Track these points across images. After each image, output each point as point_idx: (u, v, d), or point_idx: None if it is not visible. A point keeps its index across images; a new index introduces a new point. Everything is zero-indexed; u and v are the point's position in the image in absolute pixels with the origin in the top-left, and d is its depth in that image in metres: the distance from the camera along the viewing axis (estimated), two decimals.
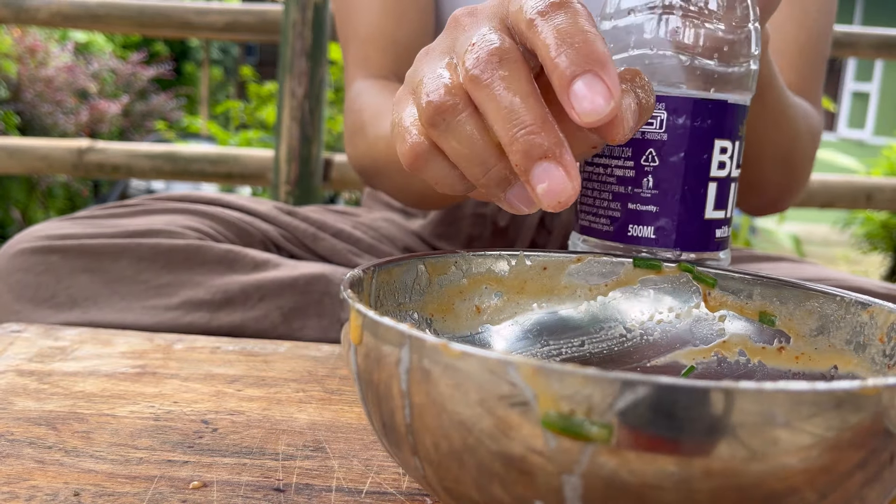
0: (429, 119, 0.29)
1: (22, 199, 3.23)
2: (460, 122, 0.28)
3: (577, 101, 0.25)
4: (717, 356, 0.35)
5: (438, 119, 0.28)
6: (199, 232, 0.57)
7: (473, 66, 0.27)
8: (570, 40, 0.26)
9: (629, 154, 0.37)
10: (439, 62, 0.30)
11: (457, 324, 0.35)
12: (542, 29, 0.27)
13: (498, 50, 0.27)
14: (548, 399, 0.18)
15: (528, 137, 0.26)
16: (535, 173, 0.26)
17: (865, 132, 8.91)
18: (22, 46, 3.46)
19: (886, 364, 0.29)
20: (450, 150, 0.29)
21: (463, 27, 0.30)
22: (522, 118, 0.26)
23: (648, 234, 0.37)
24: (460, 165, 0.29)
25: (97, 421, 0.35)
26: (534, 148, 0.26)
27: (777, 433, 0.18)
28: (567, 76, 0.26)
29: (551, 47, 0.26)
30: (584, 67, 0.25)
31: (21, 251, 0.52)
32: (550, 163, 0.26)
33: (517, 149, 0.26)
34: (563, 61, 0.26)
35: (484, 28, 0.29)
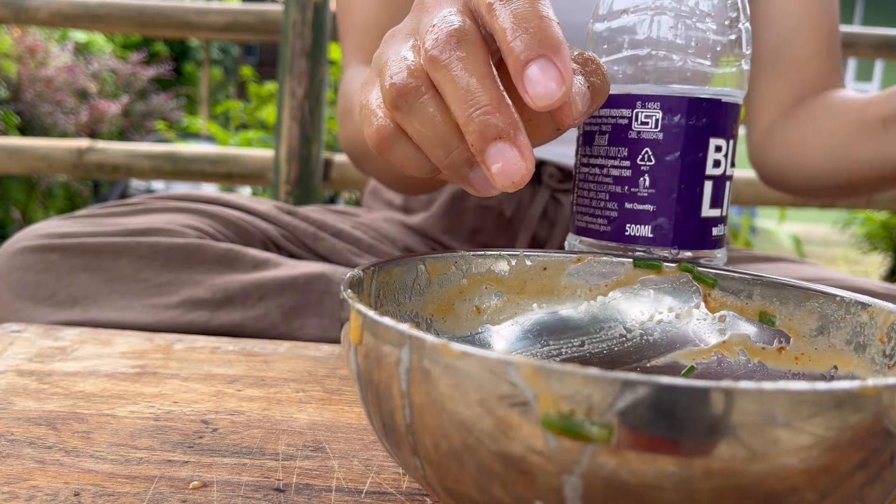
0: (392, 101, 0.29)
1: (22, 199, 3.23)
2: (422, 104, 0.28)
3: (531, 84, 0.26)
4: (717, 356, 0.35)
5: (401, 101, 0.28)
6: (199, 231, 0.57)
7: (432, 46, 0.28)
8: (526, 24, 0.26)
9: (625, 154, 0.37)
10: (403, 44, 0.30)
11: (457, 324, 0.35)
12: (500, 13, 0.27)
13: (457, 31, 0.27)
14: (548, 399, 0.18)
15: (483, 118, 0.26)
16: (490, 153, 0.27)
17: None
18: (22, 46, 3.46)
19: (886, 364, 0.29)
20: (412, 131, 0.29)
21: (427, 9, 0.30)
22: (478, 98, 0.26)
23: (646, 233, 0.37)
24: (423, 147, 0.29)
25: (97, 421, 0.35)
26: (488, 128, 0.26)
27: (777, 433, 0.18)
28: (521, 60, 0.26)
29: (507, 31, 0.26)
30: (538, 52, 0.26)
31: (21, 250, 0.52)
32: (505, 143, 0.26)
33: (473, 129, 0.26)
34: (518, 45, 0.26)
35: (446, 10, 0.29)
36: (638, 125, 0.37)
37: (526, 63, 0.26)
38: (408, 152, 0.30)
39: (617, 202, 0.37)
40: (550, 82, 0.26)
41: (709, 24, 0.36)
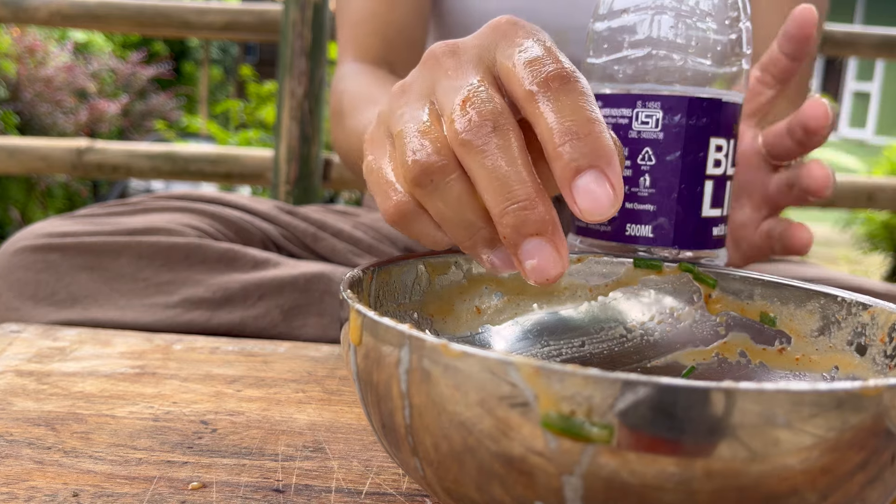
0: (415, 179, 0.27)
1: (21, 198, 3.23)
2: (448, 184, 0.27)
3: (581, 196, 0.25)
4: (718, 357, 0.34)
5: (425, 180, 0.27)
6: (199, 230, 0.57)
7: (465, 129, 0.26)
8: (577, 129, 0.25)
9: (626, 154, 0.37)
10: (419, 108, 0.28)
11: (457, 324, 0.35)
12: (544, 107, 0.25)
13: (492, 113, 0.26)
14: (548, 400, 0.18)
15: (522, 213, 0.25)
16: (525, 249, 0.25)
17: (866, 132, 8.91)
18: (21, 46, 3.46)
19: (888, 365, 0.29)
20: (435, 211, 0.28)
21: (445, 70, 0.29)
22: (516, 192, 0.25)
23: (646, 233, 0.37)
24: (445, 227, 0.28)
25: (96, 421, 0.35)
26: (526, 224, 0.25)
27: (778, 434, 0.18)
28: (572, 168, 0.25)
29: (555, 132, 0.25)
30: (590, 162, 0.24)
31: (21, 249, 0.52)
32: (541, 240, 0.25)
33: (508, 222, 0.25)
34: (569, 152, 0.25)
35: (472, 78, 0.27)
36: (638, 125, 0.37)
37: (577, 172, 0.25)
38: (426, 229, 0.29)
39: None
40: (603, 198, 0.24)
41: (709, 23, 0.36)
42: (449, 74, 0.28)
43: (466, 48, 0.29)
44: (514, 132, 0.26)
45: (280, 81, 1.24)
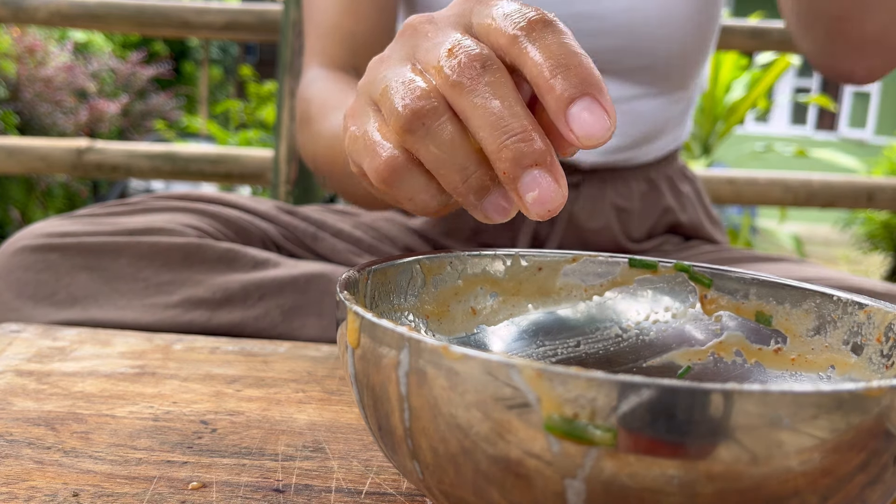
0: (406, 124, 0.27)
1: (21, 198, 3.23)
2: (441, 125, 0.27)
3: (577, 123, 0.25)
4: (714, 356, 0.35)
5: (417, 124, 0.27)
6: (199, 230, 0.57)
7: (455, 71, 0.27)
8: (565, 62, 0.26)
9: None
10: (402, 69, 0.29)
11: (452, 325, 0.35)
12: (530, 47, 0.26)
13: (479, 56, 0.27)
14: (551, 402, 0.18)
15: (518, 145, 0.26)
16: (525, 181, 0.26)
17: (866, 132, 8.91)
18: (21, 46, 3.46)
19: (884, 364, 0.29)
20: (428, 156, 0.28)
21: (424, 33, 0.29)
22: (511, 125, 0.26)
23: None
24: (439, 173, 0.28)
25: (96, 421, 0.35)
26: (524, 156, 0.26)
27: (781, 435, 0.18)
28: (565, 98, 0.25)
29: (544, 67, 0.26)
30: (582, 91, 0.25)
31: (21, 249, 0.52)
32: (541, 170, 0.26)
33: (506, 156, 0.26)
34: (560, 84, 0.25)
35: (453, 35, 0.28)
36: None
37: (570, 101, 0.25)
38: (418, 183, 0.29)
39: None
40: (599, 122, 0.25)
41: None
42: (429, 37, 0.29)
43: (442, 15, 0.30)
44: (503, 71, 0.27)
45: (280, 81, 1.24)
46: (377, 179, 0.29)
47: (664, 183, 0.71)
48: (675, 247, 0.71)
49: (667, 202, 0.71)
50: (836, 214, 4.32)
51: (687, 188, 0.73)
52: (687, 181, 0.74)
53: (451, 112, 0.27)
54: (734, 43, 1.32)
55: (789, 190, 1.46)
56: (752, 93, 3.69)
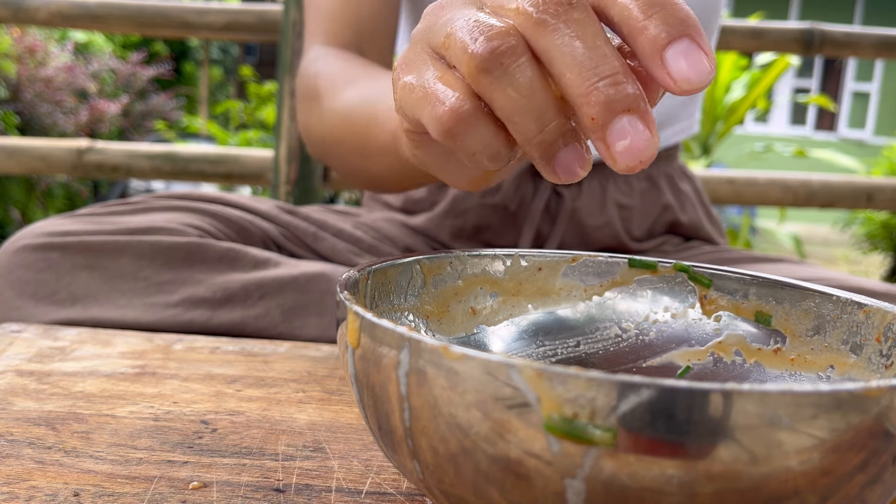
0: (483, 63, 0.25)
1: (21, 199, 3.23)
2: (521, 66, 0.25)
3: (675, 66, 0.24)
4: (713, 357, 0.35)
5: (495, 64, 0.25)
6: (200, 230, 0.57)
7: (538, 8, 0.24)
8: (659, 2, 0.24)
9: None
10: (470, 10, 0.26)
11: (452, 326, 0.35)
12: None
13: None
14: (551, 402, 0.18)
15: (611, 89, 0.23)
16: (615, 128, 0.24)
17: (866, 132, 8.91)
18: (21, 46, 3.46)
19: (883, 364, 0.29)
20: (505, 101, 0.25)
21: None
22: (601, 67, 0.24)
23: None
24: (513, 121, 0.26)
25: (97, 421, 0.35)
26: (617, 100, 0.23)
27: (780, 435, 0.18)
28: (662, 40, 0.24)
29: (636, 8, 0.24)
30: (680, 31, 0.24)
31: (22, 248, 0.52)
32: (633, 117, 0.24)
33: (596, 100, 0.23)
34: (655, 25, 0.24)
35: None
36: None
37: (667, 43, 0.24)
38: (487, 135, 0.27)
39: None
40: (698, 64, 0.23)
41: None
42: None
43: None
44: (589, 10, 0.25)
45: (280, 82, 1.24)
46: (440, 130, 0.27)
47: (664, 181, 0.71)
48: (675, 247, 0.71)
49: (666, 200, 0.71)
50: (836, 215, 4.32)
51: (686, 187, 0.73)
52: (686, 180, 0.74)
53: (531, 53, 0.25)
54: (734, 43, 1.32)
55: (789, 190, 1.46)
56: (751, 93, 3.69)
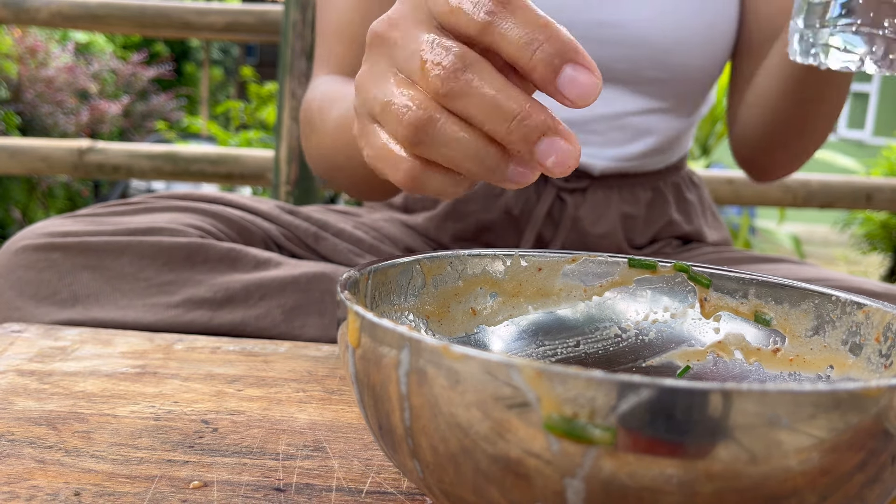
0: (412, 138, 0.29)
1: (22, 199, 3.23)
2: (443, 128, 0.29)
3: (570, 88, 0.27)
4: (713, 357, 0.35)
5: (422, 135, 0.29)
6: (201, 230, 0.57)
7: (441, 79, 0.28)
8: (539, 36, 0.27)
9: None
10: (389, 83, 0.30)
11: (452, 326, 0.35)
12: (504, 30, 0.27)
13: (457, 56, 0.28)
14: (550, 402, 0.18)
15: (524, 124, 0.27)
16: (540, 151, 0.28)
17: (865, 132, 8.90)
18: (22, 47, 3.46)
19: (882, 364, 0.29)
20: (442, 158, 0.29)
21: (393, 42, 0.30)
22: (511, 109, 0.27)
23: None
24: (456, 167, 0.30)
25: (97, 421, 0.35)
26: (532, 131, 0.27)
27: (780, 435, 0.18)
28: (550, 74, 0.27)
29: (524, 46, 0.27)
30: (562, 60, 0.27)
31: (23, 248, 0.52)
32: (549, 138, 0.28)
33: (516, 138, 0.28)
34: (543, 55, 0.27)
35: (424, 37, 0.29)
36: None
37: (556, 76, 0.27)
38: (442, 180, 0.31)
39: None
40: (588, 82, 0.27)
41: None
42: (399, 44, 0.30)
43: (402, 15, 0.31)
44: (482, 62, 0.28)
45: (281, 82, 1.24)
46: (403, 187, 0.31)
47: (671, 191, 0.71)
48: (675, 249, 0.71)
49: (671, 215, 0.71)
50: (835, 215, 4.32)
51: (692, 196, 0.73)
52: (693, 188, 0.74)
53: (448, 112, 0.29)
54: None
55: (788, 190, 1.46)
56: None
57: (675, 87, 0.66)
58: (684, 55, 0.64)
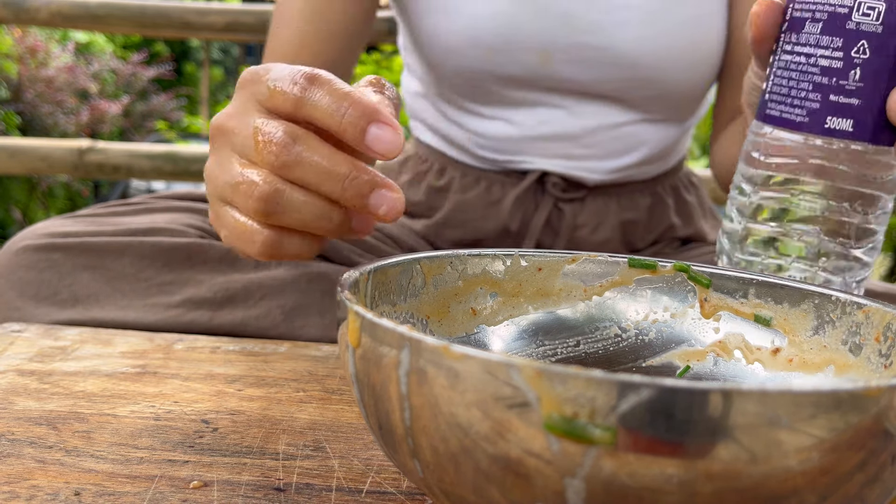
0: (263, 210, 0.33)
1: (22, 199, 3.23)
2: (288, 198, 0.33)
3: (376, 144, 0.32)
4: (713, 357, 0.35)
5: (272, 206, 0.33)
6: (201, 230, 0.57)
7: (274, 155, 0.32)
8: (343, 104, 0.32)
9: (839, 45, 0.37)
10: (234, 167, 0.34)
11: (452, 326, 0.35)
12: (315, 102, 0.32)
13: (285, 133, 0.32)
14: (551, 402, 0.18)
15: (354, 184, 0.32)
16: (372, 203, 0.33)
17: None
18: (23, 47, 3.46)
19: (882, 364, 0.29)
20: (295, 222, 0.33)
21: (231, 130, 0.35)
22: (342, 172, 0.32)
23: (846, 126, 0.37)
24: (308, 229, 0.34)
25: (98, 421, 0.35)
26: (362, 187, 0.32)
27: (780, 435, 0.18)
28: (359, 130, 0.32)
29: (332, 115, 0.32)
30: (366, 121, 0.32)
31: (24, 248, 0.52)
32: (377, 191, 0.33)
33: (350, 195, 0.32)
34: (349, 124, 0.32)
35: (255, 121, 0.33)
36: (859, 16, 0.36)
37: (362, 136, 0.32)
38: (300, 242, 0.35)
39: (820, 93, 0.37)
40: (390, 138, 0.32)
41: None
42: (236, 132, 0.35)
43: (235, 108, 0.35)
44: (307, 134, 0.33)
45: None
46: (263, 257, 0.35)
47: (670, 195, 0.71)
48: (675, 249, 0.71)
49: (671, 218, 0.71)
50: None
51: (691, 198, 0.73)
52: (692, 189, 0.74)
53: (290, 182, 0.33)
54: None
55: None
56: None
57: (665, 102, 0.66)
58: (672, 75, 0.64)
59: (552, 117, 0.65)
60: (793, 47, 0.38)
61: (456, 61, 0.64)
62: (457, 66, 0.64)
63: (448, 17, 0.63)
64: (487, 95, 0.65)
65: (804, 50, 0.38)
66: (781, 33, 0.39)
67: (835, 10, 0.37)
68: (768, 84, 0.40)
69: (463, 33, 0.62)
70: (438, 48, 0.64)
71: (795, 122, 0.38)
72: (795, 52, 0.38)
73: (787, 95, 0.39)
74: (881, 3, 0.36)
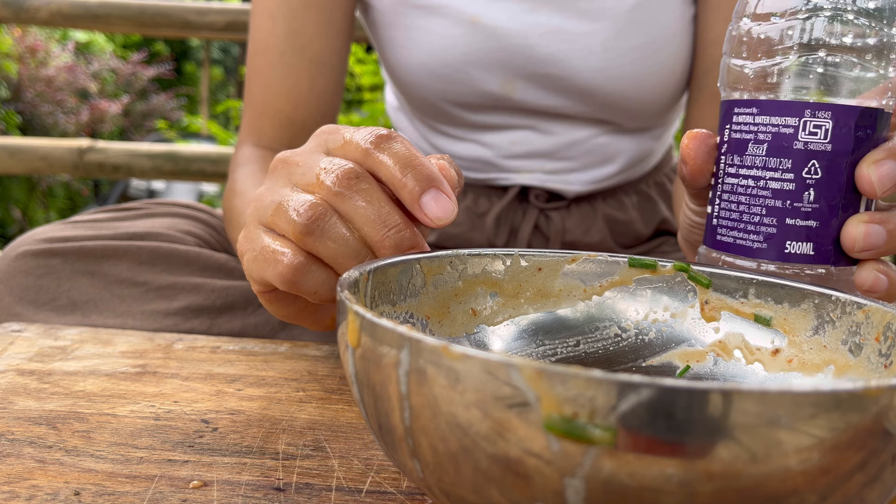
0: (305, 228, 0.32)
1: (22, 198, 3.23)
2: (333, 224, 0.33)
3: (429, 210, 0.33)
4: (713, 356, 0.35)
5: (314, 226, 0.33)
6: (199, 238, 0.57)
7: (335, 183, 0.33)
8: (410, 164, 0.33)
9: (789, 166, 0.35)
10: (286, 191, 0.34)
11: (452, 326, 0.35)
12: (383, 156, 0.33)
13: (352, 170, 0.33)
14: (550, 402, 0.18)
15: (397, 235, 0.33)
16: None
17: None
18: (22, 46, 3.46)
19: (882, 364, 0.29)
20: (327, 251, 0.33)
21: (294, 163, 0.35)
22: (389, 220, 0.33)
23: (807, 250, 0.35)
24: (337, 263, 0.33)
25: (97, 420, 0.35)
26: (403, 241, 0.33)
27: (780, 435, 0.18)
28: (417, 192, 0.33)
29: (396, 170, 0.33)
30: (427, 185, 0.33)
31: (23, 254, 0.52)
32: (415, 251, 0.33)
33: (389, 245, 0.33)
34: (411, 181, 0.33)
35: (321, 157, 0.34)
36: (805, 135, 0.35)
37: (420, 195, 0.33)
38: (320, 276, 0.34)
39: (776, 217, 0.35)
40: (444, 206, 0.33)
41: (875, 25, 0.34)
42: (299, 165, 0.35)
43: (304, 149, 0.36)
44: (371, 179, 0.33)
45: None
46: (283, 282, 0.34)
47: (655, 190, 0.72)
48: (674, 247, 0.71)
49: (662, 214, 0.71)
50: None
51: (681, 189, 0.73)
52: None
53: (338, 214, 0.33)
54: None
55: None
56: None
57: (633, 121, 0.66)
58: (635, 97, 0.63)
59: (523, 138, 0.66)
60: (737, 170, 0.37)
61: (418, 91, 0.65)
62: (420, 94, 0.65)
63: (408, 52, 0.63)
64: (454, 119, 0.66)
65: (751, 172, 0.36)
66: (721, 156, 0.38)
67: (779, 130, 0.35)
68: (714, 209, 0.38)
69: (423, 66, 0.63)
70: (402, 78, 0.65)
71: (752, 248, 0.36)
72: (741, 175, 0.36)
73: (739, 220, 0.37)
74: (828, 121, 0.34)
